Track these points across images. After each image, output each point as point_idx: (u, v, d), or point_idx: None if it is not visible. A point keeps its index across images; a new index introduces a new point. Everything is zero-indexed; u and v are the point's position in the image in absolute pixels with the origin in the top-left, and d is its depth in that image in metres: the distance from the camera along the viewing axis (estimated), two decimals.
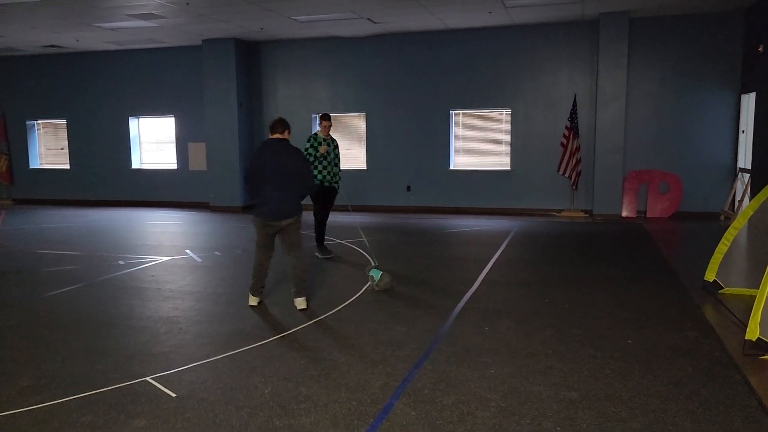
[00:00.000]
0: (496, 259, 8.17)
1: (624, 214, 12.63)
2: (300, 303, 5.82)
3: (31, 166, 16.25)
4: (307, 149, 8.01)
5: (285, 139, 5.80)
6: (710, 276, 6.38)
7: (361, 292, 6.45)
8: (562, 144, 12.64)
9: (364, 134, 14.05)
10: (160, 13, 10.81)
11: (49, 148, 16.37)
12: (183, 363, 4.40)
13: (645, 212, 12.58)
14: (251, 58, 14.37)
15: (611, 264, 7.86)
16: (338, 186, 8.40)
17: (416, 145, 13.68)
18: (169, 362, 4.41)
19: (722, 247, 6.24)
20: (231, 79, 13.81)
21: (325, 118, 8.23)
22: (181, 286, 6.77)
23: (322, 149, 7.96)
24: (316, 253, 8.40)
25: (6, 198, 16.17)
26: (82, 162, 15.76)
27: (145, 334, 5.09)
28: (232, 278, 7.18)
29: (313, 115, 14.32)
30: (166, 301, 6.14)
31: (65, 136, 15.89)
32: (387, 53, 13.66)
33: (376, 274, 6.49)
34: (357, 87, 13.93)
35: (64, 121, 15.83)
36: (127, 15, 10.99)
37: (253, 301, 5.96)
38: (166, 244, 9.61)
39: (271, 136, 5.82)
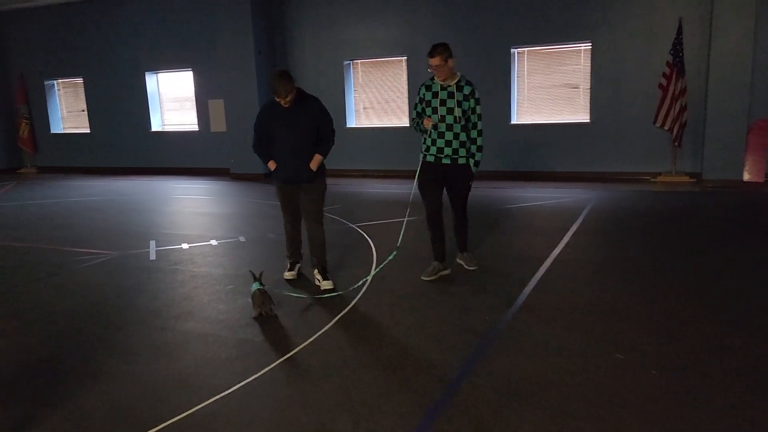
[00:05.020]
0: (550, 267, 5.61)
1: (746, 178, 9.49)
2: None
3: (53, 131, 15.02)
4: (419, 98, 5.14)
5: None
6: None
7: (317, 335, 4.19)
8: (661, 86, 9.56)
9: (406, 82, 11.50)
10: None
11: (70, 110, 15.05)
12: None
13: None
14: None
15: (726, 274, 5.09)
16: (471, 162, 5.02)
17: None
18: None
19: None
20: (247, 22, 11.62)
21: (432, 53, 4.82)
22: (79, 304, 4.80)
23: (427, 123, 4.92)
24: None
25: (31, 166, 15.11)
26: (102, 125, 14.32)
27: None
28: (168, 293, 5.12)
29: (345, 62, 11.91)
30: (45, 339, 4.18)
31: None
32: None
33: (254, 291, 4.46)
34: (397, 26, 11.34)
35: (81, 80, 14.36)
36: None
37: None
38: (138, 230, 7.73)
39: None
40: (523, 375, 3.37)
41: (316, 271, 5.20)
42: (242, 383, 3.41)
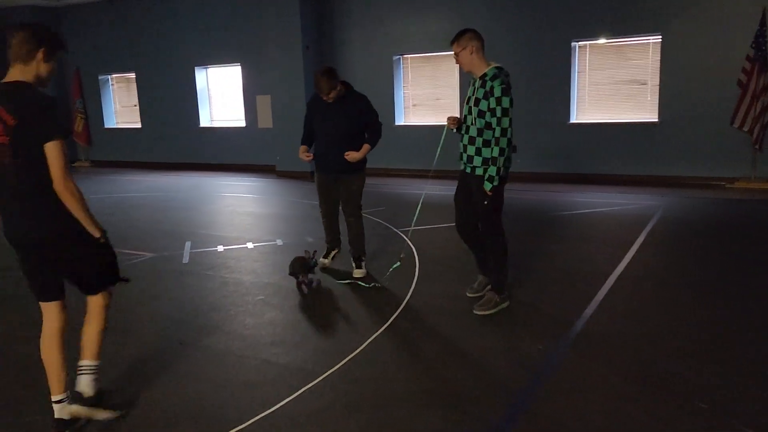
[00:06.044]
0: (613, 286, 4.99)
1: None
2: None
3: (107, 125, 15.17)
4: None
5: None
6: None
7: (347, 359, 3.76)
8: (740, 83, 8.68)
9: (458, 79, 10.93)
10: None
11: (123, 105, 15.17)
12: None
13: None
14: None
15: None
16: (484, 174, 4.10)
17: (525, 92, 10.19)
18: None
19: None
20: (295, 16, 11.30)
21: (452, 40, 4.16)
22: None
23: (450, 122, 4.35)
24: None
25: (85, 160, 15.32)
26: (152, 120, 14.34)
27: None
28: (194, 302, 4.79)
29: (395, 57, 11.45)
30: None
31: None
32: None
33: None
34: (448, 19, 10.77)
35: (134, 75, 14.44)
36: None
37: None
38: (175, 230, 7.49)
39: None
40: (583, 422, 2.84)
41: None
42: (257, 417, 3.01)
